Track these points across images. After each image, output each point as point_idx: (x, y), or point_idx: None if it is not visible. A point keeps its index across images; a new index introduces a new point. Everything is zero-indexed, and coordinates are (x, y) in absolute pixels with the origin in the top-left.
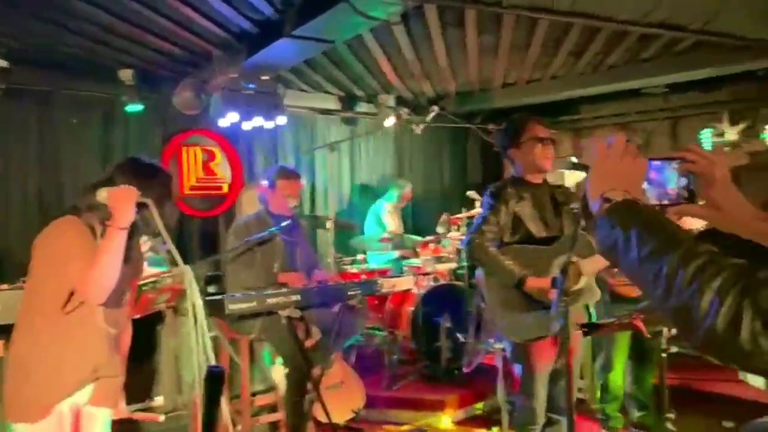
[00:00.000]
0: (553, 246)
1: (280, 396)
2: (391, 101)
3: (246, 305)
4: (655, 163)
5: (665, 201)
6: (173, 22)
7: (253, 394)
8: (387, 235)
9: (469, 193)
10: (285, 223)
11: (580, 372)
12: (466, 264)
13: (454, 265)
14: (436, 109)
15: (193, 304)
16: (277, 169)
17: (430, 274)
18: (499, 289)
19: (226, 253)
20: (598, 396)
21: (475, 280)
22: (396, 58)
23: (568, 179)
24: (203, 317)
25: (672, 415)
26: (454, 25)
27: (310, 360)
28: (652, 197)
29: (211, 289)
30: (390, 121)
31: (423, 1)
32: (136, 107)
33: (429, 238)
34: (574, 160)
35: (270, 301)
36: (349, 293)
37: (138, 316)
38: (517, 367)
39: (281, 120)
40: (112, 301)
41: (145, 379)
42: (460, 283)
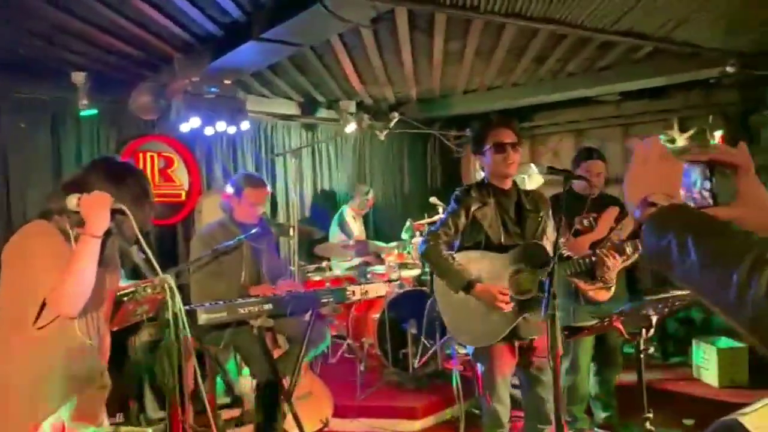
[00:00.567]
0: (509, 253)
1: (247, 408)
2: (352, 107)
3: (217, 315)
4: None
5: (691, 204)
6: (134, 23)
7: (218, 408)
8: (351, 242)
9: (432, 200)
10: (254, 230)
11: None
12: (428, 270)
13: (418, 271)
14: (397, 115)
15: (175, 314)
16: (242, 176)
17: (395, 281)
18: (449, 292)
19: (191, 263)
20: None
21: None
22: (361, 62)
23: (529, 184)
24: (187, 327)
25: (650, 415)
26: (422, 30)
27: (278, 370)
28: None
29: None
30: (351, 127)
31: (399, 3)
32: (89, 111)
33: (393, 244)
34: (548, 166)
35: (242, 310)
36: (321, 300)
37: (116, 328)
38: (479, 367)
39: (244, 125)
40: (89, 310)
41: (120, 390)
42: (425, 289)
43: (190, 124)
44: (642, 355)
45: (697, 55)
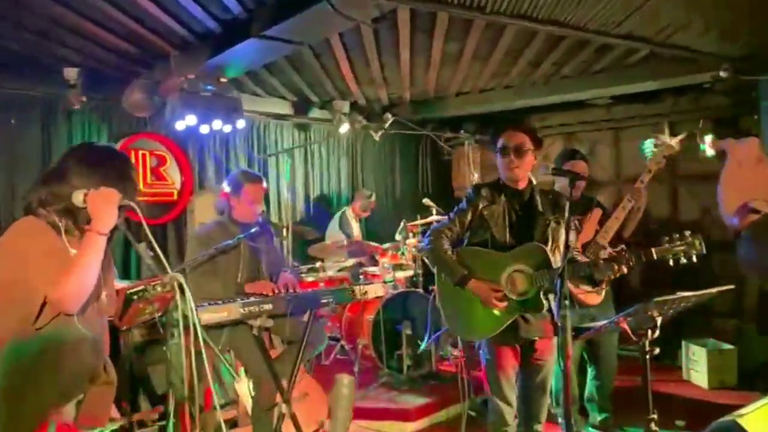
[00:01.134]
0: (510, 252)
1: (243, 410)
2: (346, 107)
3: (217, 315)
4: None
5: None
6: (132, 18)
7: (214, 409)
8: (345, 242)
9: (425, 201)
10: (254, 229)
11: None
12: (421, 271)
13: (412, 272)
14: (391, 116)
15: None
16: (240, 173)
17: (389, 282)
18: (448, 285)
19: (189, 262)
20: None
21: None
22: (358, 62)
23: None
24: (199, 325)
25: (655, 416)
26: (423, 31)
27: (276, 372)
28: None
29: None
30: (345, 128)
31: (405, 2)
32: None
33: (388, 245)
34: (552, 167)
35: (242, 310)
36: (321, 300)
37: (126, 327)
38: (484, 368)
39: (240, 124)
40: (90, 302)
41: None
42: (419, 290)
43: (186, 122)
44: (647, 356)
45: (691, 59)
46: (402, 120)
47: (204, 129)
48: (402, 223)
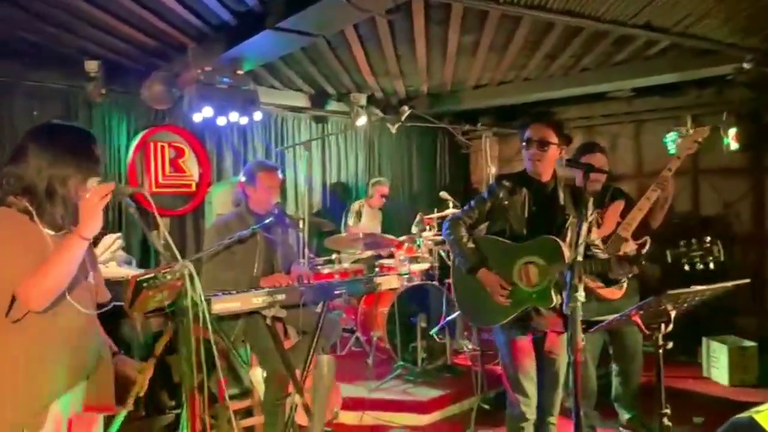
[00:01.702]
0: (524, 244)
1: (256, 400)
2: (363, 100)
3: (230, 305)
4: None
5: None
6: (151, 12)
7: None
8: (361, 235)
9: (442, 194)
10: (269, 220)
11: None
12: (437, 264)
13: (428, 265)
14: (408, 109)
15: (195, 302)
16: (255, 163)
17: (405, 274)
18: (462, 273)
19: (206, 252)
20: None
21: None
22: (374, 54)
23: None
24: (208, 314)
25: (668, 410)
26: (437, 23)
27: (290, 362)
28: None
29: None
30: (362, 121)
31: None
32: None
33: (403, 238)
34: (567, 159)
35: (255, 300)
36: (335, 292)
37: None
38: (502, 362)
39: (257, 116)
40: (80, 280)
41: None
42: (435, 283)
43: (203, 114)
44: (661, 350)
45: (713, 51)
46: (419, 113)
47: (221, 121)
48: (418, 216)
